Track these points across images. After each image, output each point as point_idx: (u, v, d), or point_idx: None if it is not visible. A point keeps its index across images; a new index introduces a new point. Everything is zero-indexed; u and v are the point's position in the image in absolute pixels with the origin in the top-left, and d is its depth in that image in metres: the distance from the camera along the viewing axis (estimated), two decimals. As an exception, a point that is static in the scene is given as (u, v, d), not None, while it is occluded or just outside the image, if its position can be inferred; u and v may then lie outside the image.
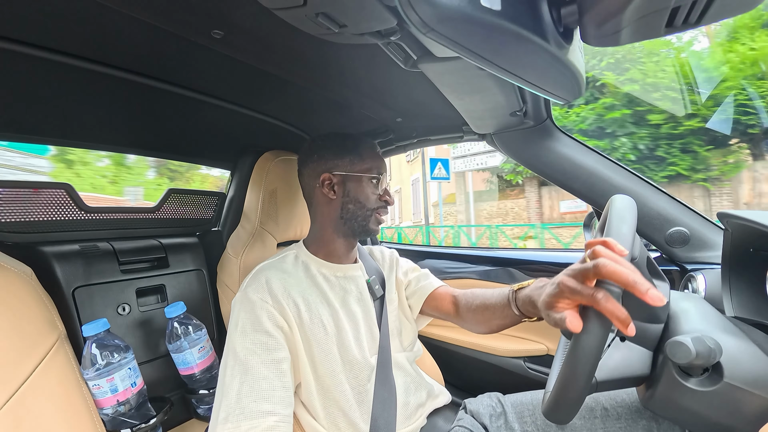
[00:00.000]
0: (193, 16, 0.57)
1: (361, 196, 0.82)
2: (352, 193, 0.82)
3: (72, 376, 0.66)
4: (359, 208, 0.82)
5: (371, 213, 0.83)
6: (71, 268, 0.81)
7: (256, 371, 0.65)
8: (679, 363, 0.49)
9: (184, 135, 1.05)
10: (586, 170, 0.96)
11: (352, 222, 0.83)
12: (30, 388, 0.55)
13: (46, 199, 0.81)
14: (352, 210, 0.82)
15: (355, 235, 0.85)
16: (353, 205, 0.82)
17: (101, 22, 0.58)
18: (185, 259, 1.01)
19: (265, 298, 0.71)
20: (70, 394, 0.64)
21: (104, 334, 0.75)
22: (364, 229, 0.84)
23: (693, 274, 0.82)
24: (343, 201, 0.83)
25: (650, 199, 0.93)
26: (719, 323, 0.54)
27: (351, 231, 0.84)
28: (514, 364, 1.17)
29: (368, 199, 0.83)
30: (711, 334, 0.51)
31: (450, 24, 0.36)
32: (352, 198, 0.82)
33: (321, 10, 0.45)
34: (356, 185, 0.82)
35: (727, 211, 0.59)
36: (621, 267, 0.43)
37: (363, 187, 0.83)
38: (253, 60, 0.72)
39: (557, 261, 1.16)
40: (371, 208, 0.83)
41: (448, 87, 0.71)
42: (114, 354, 0.75)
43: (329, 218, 0.84)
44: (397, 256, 1.00)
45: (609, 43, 0.42)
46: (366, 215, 0.83)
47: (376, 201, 0.84)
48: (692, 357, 0.47)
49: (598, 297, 0.44)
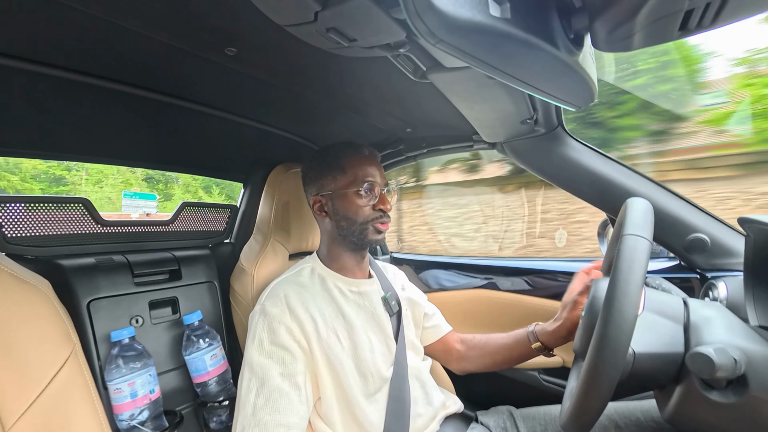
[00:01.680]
0: (209, 35, 0.59)
1: (349, 212, 0.80)
2: (340, 211, 0.81)
3: (84, 389, 0.67)
4: (351, 224, 0.81)
5: (366, 226, 0.81)
6: (87, 281, 0.82)
7: (272, 384, 0.65)
8: (702, 375, 0.47)
9: (197, 149, 1.07)
10: (599, 176, 0.95)
11: (350, 237, 0.82)
12: (44, 401, 0.55)
13: (64, 214, 0.83)
14: (345, 227, 0.81)
15: (358, 248, 0.84)
16: (345, 222, 0.81)
17: (121, 43, 0.60)
18: (198, 271, 1.02)
19: (284, 312, 0.72)
20: (84, 404, 0.64)
21: (130, 340, 0.79)
22: (364, 243, 0.82)
23: (714, 281, 0.80)
24: (335, 220, 0.82)
25: (667, 205, 0.91)
26: (743, 333, 0.52)
27: (353, 245, 0.83)
28: (529, 376, 1.14)
29: (357, 213, 0.80)
30: (734, 345, 0.49)
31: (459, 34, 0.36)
32: (342, 216, 0.81)
33: (331, 25, 0.46)
34: (342, 202, 0.81)
35: (749, 216, 0.57)
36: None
37: (350, 202, 0.80)
38: (265, 75, 0.74)
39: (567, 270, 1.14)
40: (363, 222, 0.80)
41: (457, 96, 0.72)
42: (137, 360, 0.78)
43: (331, 236, 0.85)
44: (407, 279, 1.02)
45: (621, 48, 0.41)
46: (361, 229, 0.81)
47: (369, 213, 0.81)
48: (715, 369, 0.45)
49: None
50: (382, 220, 0.82)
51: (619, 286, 0.45)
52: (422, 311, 0.97)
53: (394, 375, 0.78)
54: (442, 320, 1.00)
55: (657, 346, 0.53)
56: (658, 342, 0.53)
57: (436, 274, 1.41)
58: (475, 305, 1.27)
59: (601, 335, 0.45)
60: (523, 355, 0.85)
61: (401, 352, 0.81)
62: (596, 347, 0.45)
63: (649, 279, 0.78)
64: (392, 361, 0.80)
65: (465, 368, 0.94)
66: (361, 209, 0.80)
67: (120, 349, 0.78)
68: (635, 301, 0.45)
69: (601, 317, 0.46)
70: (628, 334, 0.44)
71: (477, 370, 0.93)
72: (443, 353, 0.96)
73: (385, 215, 0.82)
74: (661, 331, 0.55)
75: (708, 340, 0.51)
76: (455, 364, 0.95)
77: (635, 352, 0.52)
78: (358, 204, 0.80)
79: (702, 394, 0.48)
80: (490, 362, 0.90)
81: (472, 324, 1.27)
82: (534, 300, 1.17)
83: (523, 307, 1.18)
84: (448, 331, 0.98)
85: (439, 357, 0.97)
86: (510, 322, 1.20)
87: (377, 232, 0.82)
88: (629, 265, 0.46)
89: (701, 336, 0.53)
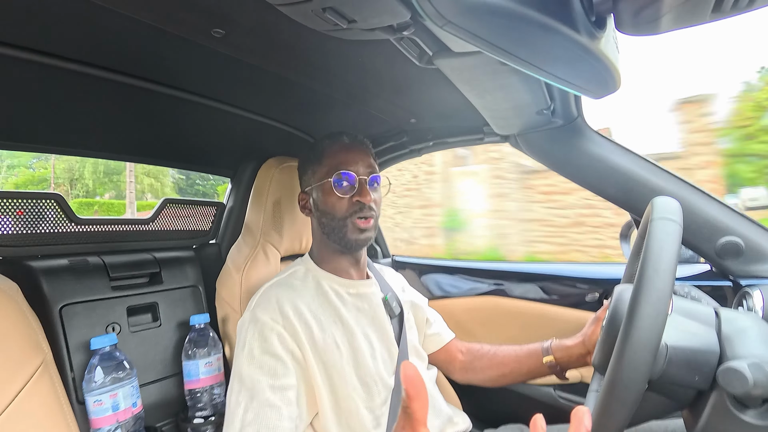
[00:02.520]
0: (192, 14, 0.59)
1: (327, 206, 0.80)
2: (320, 206, 0.81)
3: (56, 402, 0.67)
4: (331, 220, 0.80)
5: (345, 222, 0.79)
6: (59, 285, 0.82)
7: (262, 397, 0.65)
8: (734, 392, 0.47)
9: (181, 140, 1.07)
10: (623, 173, 0.94)
11: (332, 236, 0.81)
12: (11, 415, 0.55)
13: (35, 211, 0.83)
14: (326, 224, 0.81)
15: (344, 249, 0.83)
16: (325, 218, 0.81)
17: (94, 23, 0.60)
18: (180, 274, 1.02)
19: (276, 319, 0.72)
20: (53, 421, 0.64)
21: (111, 348, 0.79)
22: (345, 243, 0.80)
23: (748, 289, 0.79)
24: (317, 216, 0.83)
25: (697, 205, 0.91)
26: None
27: (337, 245, 0.82)
28: (543, 393, 1.14)
29: (334, 207, 0.79)
30: None
31: (469, 15, 0.36)
32: (322, 211, 0.81)
33: (328, 4, 0.45)
34: (321, 196, 0.81)
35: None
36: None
37: (327, 195, 0.79)
38: (256, 59, 0.73)
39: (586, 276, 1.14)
40: (341, 217, 0.79)
41: (467, 84, 0.71)
42: (119, 370, 0.79)
43: (319, 235, 0.85)
44: (406, 282, 1.03)
45: (647, 31, 0.41)
46: (340, 226, 0.79)
47: (346, 206, 0.79)
48: (749, 386, 0.45)
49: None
50: (361, 214, 0.79)
51: (648, 270, 0.45)
52: (424, 315, 0.97)
53: (397, 382, 0.78)
54: (445, 327, 1.00)
55: (691, 342, 0.52)
56: (692, 339, 0.53)
57: (439, 280, 1.41)
58: (482, 313, 1.27)
59: (627, 331, 0.44)
60: (532, 370, 0.85)
61: (403, 358, 0.81)
62: (621, 341, 0.45)
63: (678, 287, 0.78)
64: (394, 367, 0.80)
65: (469, 379, 0.95)
66: (338, 202, 0.78)
67: (101, 358, 0.78)
68: (667, 290, 0.44)
69: (627, 315, 0.45)
70: (658, 327, 0.43)
71: (482, 383, 0.93)
72: (445, 363, 0.96)
73: (364, 208, 0.79)
74: (693, 330, 0.54)
75: (742, 354, 0.51)
76: (458, 375, 0.96)
77: (668, 345, 0.51)
78: (334, 197, 0.79)
79: (734, 414, 0.48)
80: (496, 375, 0.90)
81: (479, 333, 1.27)
82: (548, 308, 1.16)
83: (535, 315, 1.18)
84: (451, 339, 0.98)
85: (441, 367, 0.98)
86: (521, 332, 1.19)
87: (358, 230, 0.79)
88: (659, 250, 0.46)
89: (734, 349, 0.52)
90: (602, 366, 0.58)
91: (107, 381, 0.76)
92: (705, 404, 0.52)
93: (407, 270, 1.48)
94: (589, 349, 0.79)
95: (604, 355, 0.59)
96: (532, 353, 0.86)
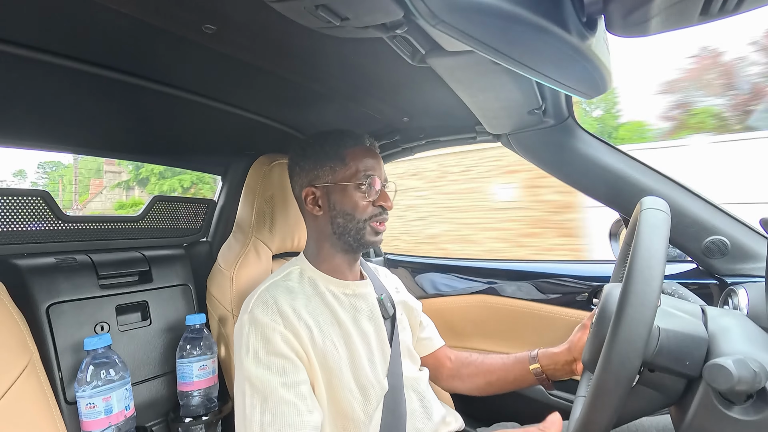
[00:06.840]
0: (183, 10, 0.58)
1: (348, 207, 0.79)
2: (338, 205, 0.80)
3: (44, 402, 0.66)
4: (349, 221, 0.80)
5: (364, 224, 0.80)
6: (46, 283, 0.81)
7: (276, 397, 0.65)
8: (720, 389, 0.48)
9: (171, 137, 1.06)
10: (612, 173, 0.96)
11: (345, 237, 0.81)
12: None
13: (21, 208, 0.82)
14: (342, 224, 0.80)
15: (354, 250, 0.83)
16: (342, 218, 0.80)
17: (82, 18, 0.59)
18: (170, 273, 1.01)
19: (276, 320, 0.71)
20: (41, 422, 0.63)
21: (105, 349, 0.77)
22: (360, 243, 0.81)
23: (734, 288, 0.81)
24: (331, 215, 0.81)
25: (685, 205, 0.92)
26: (765, 343, 0.53)
27: (348, 246, 0.82)
28: (534, 390, 1.15)
29: (357, 208, 0.79)
30: (756, 356, 0.49)
31: (461, 14, 0.36)
32: (340, 211, 0.80)
33: (321, 2, 0.45)
34: (341, 196, 0.80)
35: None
36: None
37: (350, 197, 0.79)
38: (247, 56, 0.73)
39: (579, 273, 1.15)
40: (363, 219, 0.79)
41: (459, 83, 0.72)
42: (113, 371, 0.77)
43: (323, 234, 0.83)
44: (400, 282, 1.03)
45: (637, 32, 0.42)
46: (359, 228, 0.80)
47: (369, 209, 0.80)
48: (734, 382, 0.46)
49: None
50: (381, 218, 0.81)
51: (639, 257, 0.47)
52: (417, 318, 0.97)
53: (391, 384, 0.78)
54: (436, 333, 1.01)
55: (683, 327, 0.54)
56: (683, 325, 0.54)
57: (433, 278, 1.41)
58: (475, 312, 1.28)
59: (621, 310, 0.46)
60: (518, 378, 0.86)
61: (396, 359, 0.81)
62: (614, 327, 0.46)
63: (665, 285, 0.79)
64: (387, 369, 0.80)
65: (456, 387, 0.95)
66: (361, 205, 0.79)
67: (94, 359, 0.76)
68: (659, 271, 0.46)
69: (620, 293, 0.47)
70: (651, 305, 0.45)
71: (468, 392, 0.94)
72: (433, 369, 0.96)
73: (384, 213, 0.82)
74: (683, 317, 0.56)
75: (727, 351, 0.52)
76: (445, 382, 0.97)
77: (660, 327, 0.53)
78: (358, 199, 0.79)
79: (720, 409, 0.49)
80: (483, 383, 0.91)
81: (472, 333, 1.28)
82: (542, 307, 1.17)
83: (528, 314, 1.19)
84: (441, 345, 0.99)
85: (429, 373, 0.97)
86: (513, 331, 1.20)
87: (375, 233, 0.81)
88: (650, 237, 0.48)
89: (720, 346, 0.54)
90: (591, 363, 0.58)
91: (101, 383, 0.74)
92: (692, 400, 0.53)
93: (400, 268, 1.48)
94: (575, 356, 0.80)
95: (593, 352, 0.59)
96: (518, 361, 0.87)
